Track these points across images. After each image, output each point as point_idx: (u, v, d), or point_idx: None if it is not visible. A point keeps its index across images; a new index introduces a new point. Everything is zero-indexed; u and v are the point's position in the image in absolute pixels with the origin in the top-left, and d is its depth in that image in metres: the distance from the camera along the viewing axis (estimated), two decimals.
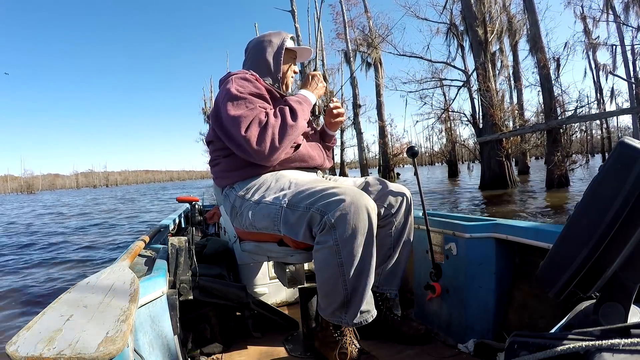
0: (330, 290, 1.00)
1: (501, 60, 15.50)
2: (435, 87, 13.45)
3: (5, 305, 2.76)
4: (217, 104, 1.18)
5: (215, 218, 2.33)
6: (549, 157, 8.99)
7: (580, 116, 8.68)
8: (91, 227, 7.23)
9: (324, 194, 0.99)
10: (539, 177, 12.76)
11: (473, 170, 17.28)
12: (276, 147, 1.09)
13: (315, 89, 1.29)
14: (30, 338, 0.46)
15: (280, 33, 1.33)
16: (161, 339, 0.81)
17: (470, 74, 11.86)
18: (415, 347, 1.24)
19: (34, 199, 28.62)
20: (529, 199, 7.60)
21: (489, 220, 1.30)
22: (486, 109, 10.22)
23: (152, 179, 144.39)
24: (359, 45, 19.29)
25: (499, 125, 10.03)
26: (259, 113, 1.09)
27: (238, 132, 1.06)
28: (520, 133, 10.04)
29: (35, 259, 4.34)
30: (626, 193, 0.46)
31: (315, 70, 1.38)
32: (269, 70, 1.29)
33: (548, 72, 9.27)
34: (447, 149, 19.37)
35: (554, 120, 8.74)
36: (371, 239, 0.98)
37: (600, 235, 0.48)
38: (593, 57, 20.07)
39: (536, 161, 33.07)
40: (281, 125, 1.10)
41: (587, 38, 17.48)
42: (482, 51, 10.37)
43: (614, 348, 0.41)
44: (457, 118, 13.72)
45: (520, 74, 17.03)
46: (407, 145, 17.30)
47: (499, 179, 10.03)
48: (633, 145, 0.47)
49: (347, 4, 18.47)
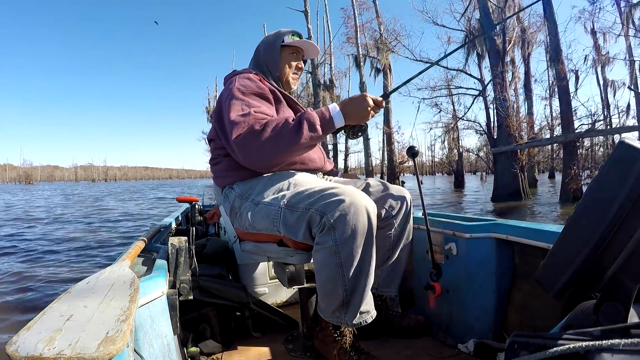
0: (330, 291, 0.99)
1: (512, 71, 15.41)
2: (449, 95, 13.41)
3: (5, 305, 2.76)
4: (220, 103, 1.18)
5: (215, 218, 2.33)
6: (565, 170, 8.84)
7: (599, 130, 8.60)
8: (91, 227, 7.24)
9: (324, 194, 0.98)
10: (547, 190, 12.63)
11: (486, 181, 17.08)
12: (264, 160, 1.06)
13: (354, 112, 1.07)
14: (30, 338, 0.46)
15: (279, 31, 1.30)
16: (161, 339, 0.81)
17: (488, 83, 11.77)
18: (415, 347, 1.24)
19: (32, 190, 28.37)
20: (547, 212, 7.44)
21: (489, 220, 1.30)
22: (502, 119, 10.07)
23: (152, 176, 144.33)
24: (369, 51, 19.14)
25: (515, 136, 9.89)
26: (254, 123, 1.03)
27: (231, 137, 1.05)
28: (537, 145, 9.89)
29: (35, 259, 4.34)
30: (626, 193, 0.46)
31: (383, 100, 1.12)
32: (268, 70, 1.28)
33: (567, 84, 9.16)
34: (453, 159, 19.26)
35: (573, 133, 8.65)
36: (371, 240, 0.98)
37: (601, 236, 0.48)
38: (602, 73, 19.92)
39: (541, 174, 32.93)
40: (275, 141, 1.02)
41: (597, 53, 17.39)
42: (499, 60, 10.26)
43: (614, 348, 0.41)
44: (471, 127, 13.65)
45: (531, 86, 16.96)
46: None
47: (512, 191, 9.86)
48: (633, 145, 0.47)
49: (359, 8, 18.29)
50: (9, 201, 15.84)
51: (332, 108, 1.08)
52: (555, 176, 27.80)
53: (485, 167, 17.66)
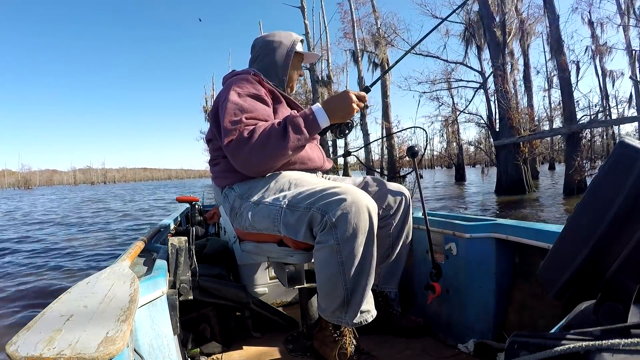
0: (331, 290, 1.00)
1: (511, 63, 15.39)
2: (449, 88, 13.36)
3: (5, 305, 2.76)
4: (217, 104, 1.18)
5: (215, 218, 2.33)
6: (569, 162, 8.78)
7: (602, 121, 8.55)
8: (91, 227, 7.23)
9: (325, 193, 0.98)
10: (549, 182, 12.56)
11: (487, 174, 17.05)
12: (254, 166, 1.08)
13: (338, 109, 1.08)
14: (30, 338, 0.46)
15: (291, 35, 1.31)
16: (161, 339, 0.81)
17: (489, 75, 11.67)
18: (415, 347, 1.24)
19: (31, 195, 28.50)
20: (552, 205, 7.39)
21: (489, 220, 1.30)
22: (504, 112, 10.00)
23: (150, 177, 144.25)
24: (366, 45, 19.11)
25: (517, 129, 9.82)
26: (243, 130, 1.04)
27: (223, 143, 1.08)
28: (540, 137, 9.81)
29: (35, 258, 4.34)
30: (626, 193, 0.46)
31: (365, 92, 1.12)
32: (276, 73, 1.28)
33: (569, 75, 9.10)
34: (454, 152, 19.30)
35: (576, 124, 8.59)
36: (372, 238, 0.98)
37: (601, 235, 0.48)
38: (600, 64, 19.93)
39: (540, 166, 32.92)
40: (263, 148, 1.04)
41: (595, 43, 17.38)
42: (500, 52, 10.19)
43: (614, 348, 0.41)
44: (472, 120, 13.62)
45: (530, 78, 16.94)
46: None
47: (516, 183, 9.79)
48: (633, 145, 0.47)
49: (355, 3, 18.21)
50: (10, 205, 15.82)
51: (315, 108, 1.09)
52: (555, 167, 27.75)
53: (485, 160, 17.65)
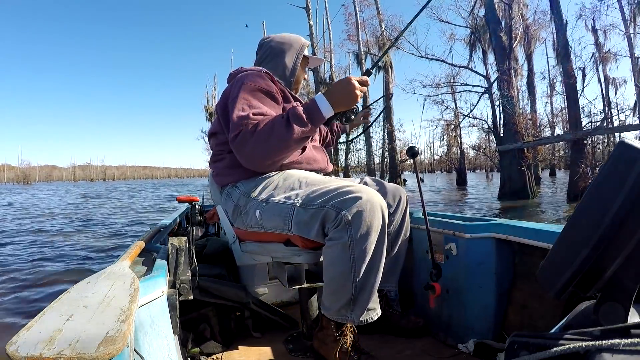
0: (339, 287, 1.00)
1: (515, 69, 15.39)
2: (452, 92, 13.35)
3: (5, 305, 2.76)
4: (226, 98, 1.18)
5: (215, 218, 2.33)
6: (573, 168, 8.78)
7: (607, 128, 8.54)
8: (91, 226, 7.23)
9: (340, 191, 0.99)
10: (551, 188, 12.51)
11: (492, 179, 17.01)
12: (258, 160, 1.08)
13: (341, 97, 1.06)
14: (30, 338, 0.46)
15: (300, 39, 1.34)
16: (161, 339, 0.81)
17: (494, 80, 11.67)
18: (415, 347, 1.24)
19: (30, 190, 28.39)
20: (557, 211, 7.39)
21: (489, 220, 1.30)
22: (509, 117, 10.00)
23: (150, 175, 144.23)
24: (369, 48, 19.09)
25: (522, 134, 9.83)
26: (248, 124, 1.04)
27: (229, 137, 1.09)
28: (545, 143, 9.82)
29: (35, 258, 4.34)
30: (626, 193, 0.46)
31: (366, 76, 1.11)
32: (284, 74, 1.30)
33: (575, 82, 9.10)
34: (455, 156, 19.33)
35: (581, 131, 8.61)
36: (383, 238, 0.99)
37: (601, 236, 0.48)
38: (603, 71, 19.91)
39: (541, 172, 32.94)
40: (267, 141, 1.03)
41: (599, 51, 17.38)
42: (506, 57, 10.20)
43: (614, 348, 0.41)
44: (476, 125, 13.62)
45: (534, 83, 16.92)
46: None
47: (519, 189, 9.78)
48: (633, 145, 0.47)
49: (360, 5, 18.19)
50: (10, 201, 15.82)
51: (317, 98, 1.07)
52: (556, 174, 27.77)
53: (486, 165, 17.67)
